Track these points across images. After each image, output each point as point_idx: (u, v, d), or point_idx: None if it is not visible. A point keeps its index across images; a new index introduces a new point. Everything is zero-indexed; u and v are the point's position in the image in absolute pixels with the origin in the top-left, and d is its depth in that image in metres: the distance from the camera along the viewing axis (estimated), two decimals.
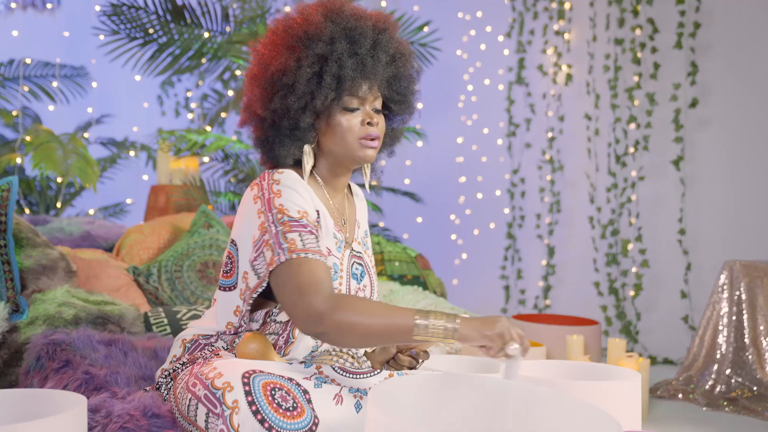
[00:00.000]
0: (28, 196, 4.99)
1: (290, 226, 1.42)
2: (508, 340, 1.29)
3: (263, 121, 1.54)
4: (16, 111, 5.01)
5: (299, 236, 1.41)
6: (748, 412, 2.97)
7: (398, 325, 1.30)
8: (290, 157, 1.54)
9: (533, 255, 4.99)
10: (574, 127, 4.78)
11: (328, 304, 1.33)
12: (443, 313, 1.32)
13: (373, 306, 1.34)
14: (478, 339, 1.29)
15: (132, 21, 4.56)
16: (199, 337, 1.55)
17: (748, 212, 4.09)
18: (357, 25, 1.51)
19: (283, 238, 1.40)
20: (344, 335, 1.33)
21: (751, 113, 4.11)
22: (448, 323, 1.30)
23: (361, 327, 1.31)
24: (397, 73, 1.59)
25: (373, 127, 1.52)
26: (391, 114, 1.66)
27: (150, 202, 4.48)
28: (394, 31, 1.58)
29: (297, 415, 1.27)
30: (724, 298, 3.28)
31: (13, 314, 2.09)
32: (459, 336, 1.29)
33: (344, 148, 1.52)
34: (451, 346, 2.74)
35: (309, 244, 1.41)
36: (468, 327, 1.29)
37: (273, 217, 1.44)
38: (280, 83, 1.49)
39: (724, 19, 4.19)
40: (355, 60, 1.49)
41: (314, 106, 1.48)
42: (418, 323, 1.30)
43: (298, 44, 1.49)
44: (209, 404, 1.30)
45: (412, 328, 1.30)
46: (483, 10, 5.29)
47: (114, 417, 1.37)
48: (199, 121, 6.00)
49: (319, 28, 1.49)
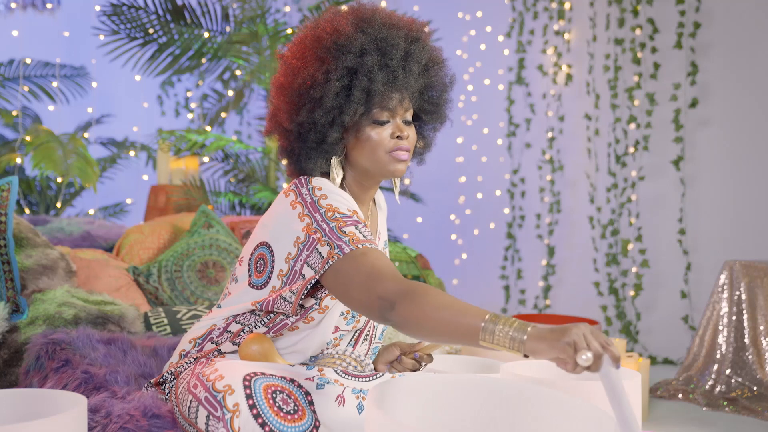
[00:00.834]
0: (28, 196, 4.99)
1: (344, 222, 1.39)
2: (581, 349, 1.08)
3: (289, 132, 1.50)
4: (16, 111, 5.01)
5: (356, 229, 1.38)
6: (748, 412, 2.97)
7: (466, 326, 1.19)
8: (317, 170, 1.50)
9: (533, 255, 4.99)
10: (574, 127, 4.78)
11: (403, 289, 1.26)
12: (516, 320, 1.16)
13: (447, 300, 1.24)
14: (548, 351, 1.11)
15: (132, 21, 4.56)
16: (214, 328, 1.53)
17: (748, 212, 4.10)
18: (389, 35, 1.46)
19: (340, 232, 1.37)
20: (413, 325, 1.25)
21: (751, 113, 4.11)
22: (515, 333, 1.13)
23: (431, 320, 1.22)
24: (430, 82, 1.55)
25: (404, 141, 1.48)
26: (422, 123, 1.61)
27: (150, 202, 4.48)
28: (427, 39, 1.53)
29: (298, 419, 1.27)
30: (724, 298, 3.28)
31: (13, 314, 2.09)
32: (527, 349, 1.12)
33: (374, 162, 1.48)
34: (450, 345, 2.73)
35: (369, 236, 1.39)
36: (537, 339, 1.12)
37: (322, 216, 1.40)
38: (307, 96, 1.45)
39: (724, 19, 4.19)
40: (386, 73, 1.45)
41: (342, 120, 1.44)
42: (486, 327, 1.16)
43: (327, 56, 1.44)
44: (210, 407, 1.29)
45: (479, 331, 1.17)
46: (483, 10, 5.29)
47: (114, 417, 1.37)
48: (199, 121, 6.00)
49: (350, 39, 1.44)
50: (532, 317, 3.55)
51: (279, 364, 1.40)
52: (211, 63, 4.95)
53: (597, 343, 1.09)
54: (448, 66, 1.59)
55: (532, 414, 1.22)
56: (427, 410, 1.23)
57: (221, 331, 1.51)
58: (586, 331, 1.10)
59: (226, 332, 1.51)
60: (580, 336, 1.09)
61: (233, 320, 1.51)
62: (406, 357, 1.61)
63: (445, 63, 1.57)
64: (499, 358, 2.43)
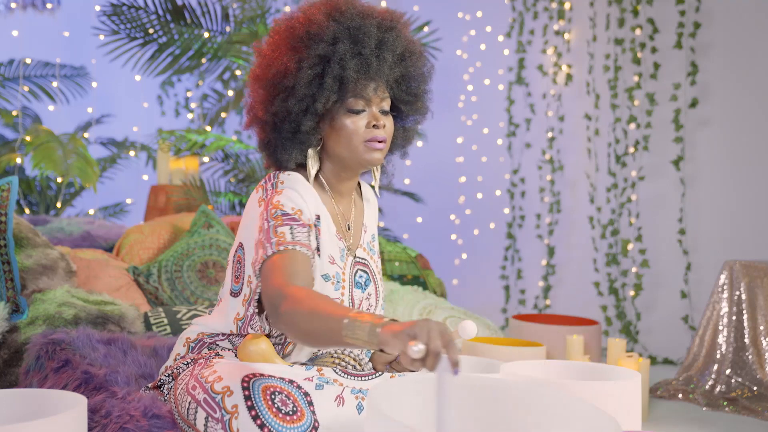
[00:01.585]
0: (28, 196, 4.99)
1: (282, 221, 1.39)
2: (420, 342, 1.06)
3: (265, 123, 1.50)
4: (16, 111, 5.01)
5: (290, 229, 1.38)
6: (748, 412, 2.97)
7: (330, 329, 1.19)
8: (292, 161, 1.50)
9: (533, 255, 4.98)
10: (574, 127, 4.78)
11: (283, 293, 1.27)
12: (375, 315, 1.17)
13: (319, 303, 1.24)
14: (394, 343, 1.09)
15: (132, 21, 4.56)
16: (204, 336, 1.54)
17: (748, 212, 4.09)
18: (361, 24, 1.46)
19: (274, 232, 1.38)
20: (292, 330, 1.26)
21: (751, 113, 4.11)
22: (372, 327, 1.13)
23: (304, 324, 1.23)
24: (406, 72, 1.54)
25: (380, 130, 1.47)
26: (401, 114, 1.60)
27: (150, 202, 4.48)
28: (404, 29, 1.53)
29: (297, 419, 1.26)
30: (724, 298, 3.28)
31: (13, 314, 2.09)
32: (380, 341, 1.12)
33: (350, 151, 1.48)
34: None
35: (298, 236, 1.38)
36: (387, 332, 1.11)
37: (267, 214, 1.41)
38: (281, 85, 1.46)
39: (724, 19, 4.19)
40: (359, 60, 1.45)
41: (315, 108, 1.45)
42: (348, 324, 1.16)
43: (300, 45, 1.45)
44: (209, 408, 1.29)
45: (341, 328, 1.17)
46: (483, 10, 5.29)
47: (114, 417, 1.37)
48: (199, 121, 6.00)
49: (322, 27, 1.45)
50: (532, 317, 3.55)
51: (278, 365, 1.40)
52: (211, 63, 4.95)
53: (439, 342, 1.04)
54: (426, 57, 1.58)
55: (532, 414, 1.22)
56: (427, 410, 1.23)
57: (209, 342, 1.52)
58: (433, 328, 1.06)
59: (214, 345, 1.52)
60: (424, 330, 1.06)
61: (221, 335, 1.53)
62: None
63: (422, 54, 1.56)
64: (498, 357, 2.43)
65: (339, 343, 1.19)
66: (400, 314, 3.01)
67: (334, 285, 1.48)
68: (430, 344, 1.04)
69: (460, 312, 3.17)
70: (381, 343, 1.12)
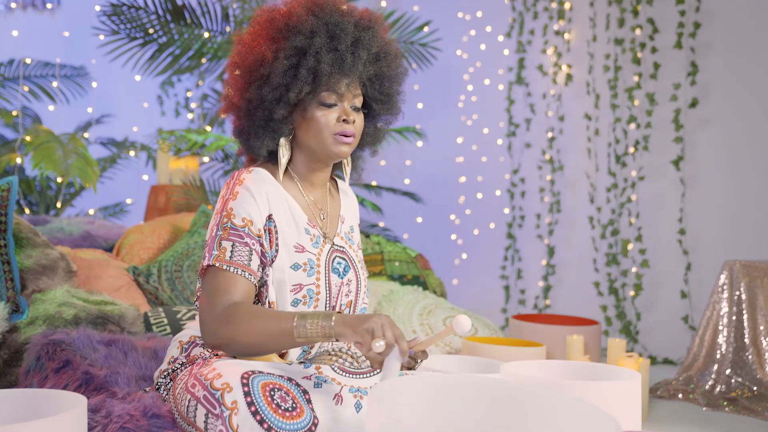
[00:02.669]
0: (28, 196, 4.99)
1: (229, 233, 1.45)
2: (378, 337, 1.28)
3: (239, 110, 1.54)
4: (16, 111, 5.01)
5: (232, 246, 1.44)
6: (748, 412, 2.97)
7: (281, 330, 1.33)
8: (264, 148, 1.54)
9: (533, 255, 4.99)
10: (574, 127, 4.78)
11: (218, 315, 1.38)
12: (322, 313, 1.33)
13: (258, 313, 1.37)
14: (351, 335, 1.30)
15: (132, 21, 4.56)
16: (196, 338, 1.54)
17: (748, 212, 4.10)
18: (340, 20, 1.50)
19: (218, 244, 1.45)
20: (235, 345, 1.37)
21: (751, 113, 4.11)
22: (324, 321, 1.31)
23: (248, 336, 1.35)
24: (380, 72, 1.58)
25: (349, 125, 1.52)
26: (373, 113, 1.64)
27: (150, 202, 4.48)
28: (382, 29, 1.57)
29: (296, 416, 1.27)
30: (724, 298, 3.28)
31: (13, 314, 2.09)
32: (335, 333, 1.31)
33: (318, 142, 1.52)
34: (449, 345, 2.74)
35: (237, 257, 1.44)
36: (342, 324, 1.30)
37: (219, 219, 1.47)
38: (256, 73, 1.50)
39: (724, 19, 4.19)
40: (334, 55, 1.49)
41: (288, 98, 1.48)
42: (297, 325, 1.32)
43: (279, 35, 1.50)
44: (208, 405, 1.29)
45: (292, 330, 1.32)
46: (483, 10, 5.29)
47: (114, 417, 1.37)
48: (199, 121, 6.00)
49: (301, 20, 1.49)
50: (532, 317, 3.55)
51: (276, 362, 1.41)
52: (211, 63, 4.95)
53: (391, 334, 1.29)
54: (401, 59, 1.63)
55: (532, 414, 1.22)
56: (427, 410, 1.23)
57: (201, 344, 1.53)
58: (384, 322, 1.29)
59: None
60: (379, 325, 1.28)
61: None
62: None
63: (398, 55, 1.61)
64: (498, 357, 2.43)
65: (290, 342, 1.33)
66: (400, 314, 3.01)
67: (306, 272, 1.51)
68: (386, 337, 1.28)
69: (460, 312, 3.17)
70: (337, 335, 1.30)
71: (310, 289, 1.50)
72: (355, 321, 1.30)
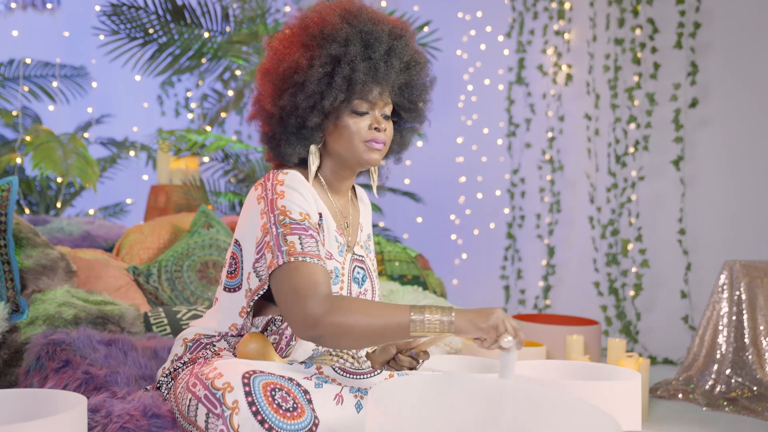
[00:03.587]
0: (28, 196, 4.99)
1: (291, 229, 1.42)
2: (502, 332, 1.30)
3: (271, 117, 1.53)
4: (16, 111, 5.01)
5: (299, 239, 1.41)
6: (748, 412, 2.97)
7: (395, 324, 1.32)
8: (295, 155, 1.53)
9: (533, 255, 4.99)
10: (574, 127, 4.78)
11: (324, 306, 1.33)
12: (438, 307, 1.33)
13: (370, 306, 1.34)
14: (473, 331, 1.32)
15: (132, 21, 4.56)
16: (201, 337, 1.54)
17: (748, 212, 4.09)
18: (373, 29, 1.50)
19: (283, 240, 1.41)
20: (341, 337, 1.34)
21: (751, 113, 4.11)
22: (443, 317, 1.31)
23: (358, 328, 1.32)
24: (410, 81, 1.58)
25: (380, 133, 1.52)
26: (400, 121, 1.65)
27: (150, 202, 4.48)
28: (411, 38, 1.58)
29: (297, 416, 1.27)
30: (724, 298, 3.28)
31: (13, 314, 2.09)
32: (455, 329, 1.31)
33: (350, 150, 1.52)
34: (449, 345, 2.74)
35: (308, 248, 1.41)
36: (463, 319, 1.32)
37: (275, 218, 1.44)
38: (291, 80, 1.49)
39: (724, 19, 4.19)
40: (368, 64, 1.49)
41: (323, 106, 1.48)
42: (414, 319, 1.31)
43: (313, 43, 1.49)
44: (209, 404, 1.30)
45: (408, 324, 1.31)
46: (483, 10, 5.29)
47: (114, 417, 1.37)
48: (199, 121, 6.00)
49: (335, 28, 1.49)
50: (532, 317, 3.56)
51: (277, 362, 1.41)
52: (211, 63, 4.95)
53: (512, 328, 1.33)
54: (429, 68, 1.63)
55: (532, 414, 1.22)
56: (427, 410, 1.23)
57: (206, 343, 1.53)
58: (504, 317, 1.33)
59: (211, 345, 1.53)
60: (501, 320, 1.32)
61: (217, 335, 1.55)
62: (402, 355, 1.61)
63: (427, 64, 1.61)
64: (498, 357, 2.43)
65: (403, 336, 1.33)
66: None
67: (332, 279, 1.50)
68: (508, 331, 1.32)
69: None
70: (457, 331, 1.32)
71: None
72: (477, 317, 1.32)
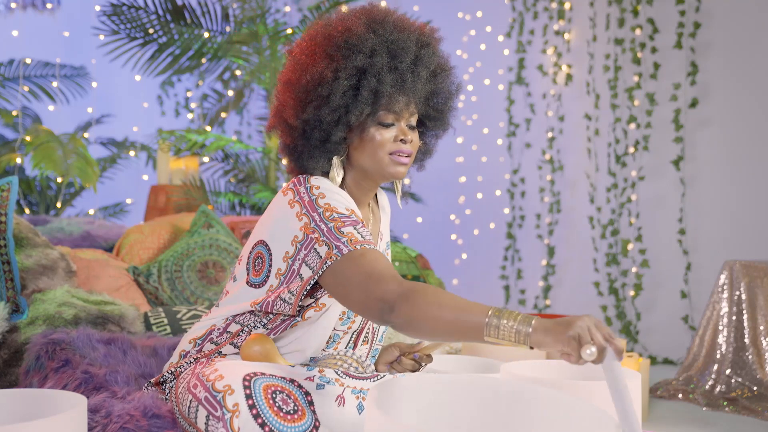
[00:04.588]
0: (28, 196, 4.99)
1: (343, 222, 1.39)
2: (585, 343, 1.08)
3: (294, 129, 1.49)
4: (16, 111, 5.01)
5: (355, 229, 1.39)
6: (748, 412, 2.97)
7: (470, 323, 1.19)
8: (319, 169, 1.50)
9: (533, 255, 4.99)
10: (574, 127, 4.78)
11: (402, 290, 1.27)
12: (519, 314, 1.17)
13: (447, 299, 1.24)
14: (553, 344, 1.12)
15: (132, 21, 4.56)
16: (212, 331, 1.53)
17: (748, 212, 4.10)
18: (399, 37, 1.46)
19: (339, 232, 1.38)
20: (414, 326, 1.25)
21: (751, 113, 4.11)
22: (520, 326, 1.14)
23: (432, 320, 1.22)
24: (437, 88, 1.55)
25: (406, 145, 1.48)
26: (425, 129, 1.61)
27: (150, 202, 4.48)
28: (437, 45, 1.53)
29: (298, 419, 1.26)
30: (724, 298, 3.28)
31: (13, 314, 2.09)
32: (532, 342, 1.13)
33: (375, 163, 1.48)
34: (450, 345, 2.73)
35: (367, 236, 1.39)
36: (542, 332, 1.12)
37: (320, 216, 1.41)
38: (314, 93, 1.45)
39: (724, 19, 4.19)
40: (395, 75, 1.45)
41: (348, 120, 1.44)
42: (490, 323, 1.17)
43: (338, 54, 1.44)
44: (210, 407, 1.29)
45: (482, 327, 1.17)
46: (483, 10, 5.29)
47: (114, 417, 1.37)
48: (199, 121, 6.01)
49: (361, 38, 1.44)
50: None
51: (280, 364, 1.40)
52: (211, 63, 4.95)
53: (600, 336, 1.09)
54: (454, 74, 1.58)
55: (532, 414, 1.22)
56: (427, 410, 1.23)
57: (221, 331, 1.51)
58: (590, 324, 1.10)
59: (225, 332, 1.51)
60: (585, 329, 1.09)
61: (232, 320, 1.51)
62: (405, 358, 1.61)
63: (452, 70, 1.57)
64: (498, 357, 2.43)
65: (475, 338, 1.20)
66: None
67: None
68: (595, 341, 1.08)
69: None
70: (535, 343, 1.13)
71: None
72: (557, 328, 1.11)
